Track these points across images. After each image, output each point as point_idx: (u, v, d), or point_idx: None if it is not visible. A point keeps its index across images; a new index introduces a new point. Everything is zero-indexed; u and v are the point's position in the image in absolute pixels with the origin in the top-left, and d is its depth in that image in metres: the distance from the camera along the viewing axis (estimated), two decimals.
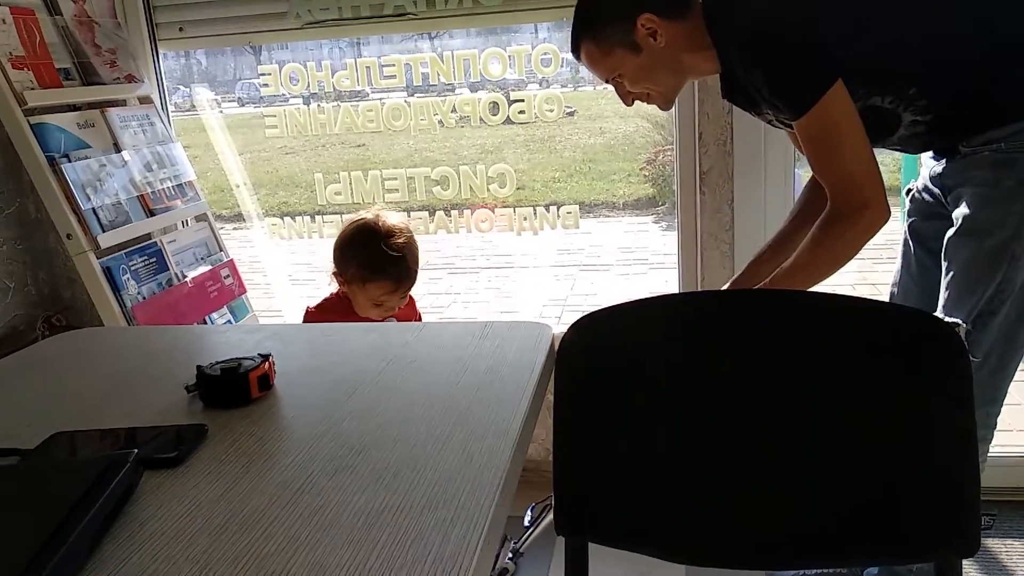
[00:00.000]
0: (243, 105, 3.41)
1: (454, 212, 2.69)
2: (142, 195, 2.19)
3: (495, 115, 2.49)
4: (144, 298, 2.09)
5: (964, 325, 1.29)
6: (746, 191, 2.09)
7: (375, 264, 1.76)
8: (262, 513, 0.61)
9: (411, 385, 0.88)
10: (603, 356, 0.99)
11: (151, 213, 2.20)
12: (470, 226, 2.63)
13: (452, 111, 2.56)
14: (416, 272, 1.83)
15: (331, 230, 2.76)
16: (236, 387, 0.83)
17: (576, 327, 0.98)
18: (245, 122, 3.07)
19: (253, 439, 0.76)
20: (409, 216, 2.75)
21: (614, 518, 1.00)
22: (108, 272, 2.00)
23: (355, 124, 2.67)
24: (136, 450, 0.66)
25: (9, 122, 1.93)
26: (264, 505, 0.63)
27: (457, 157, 2.79)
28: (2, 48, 1.93)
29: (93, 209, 1.99)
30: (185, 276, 2.27)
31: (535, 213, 2.53)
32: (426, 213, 2.72)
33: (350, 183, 2.71)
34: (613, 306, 0.99)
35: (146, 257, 2.16)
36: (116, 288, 2.01)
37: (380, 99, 2.71)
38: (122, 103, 2.36)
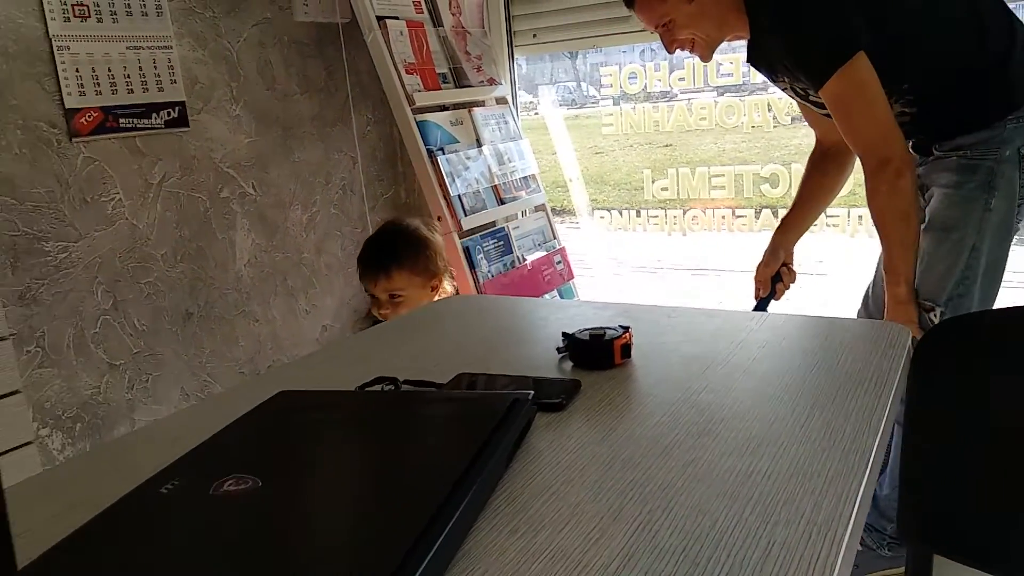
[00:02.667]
0: (558, 107, 3.66)
1: (781, 211, 2.62)
2: (495, 185, 2.46)
3: None
4: (492, 276, 2.36)
5: (940, 308, 1.43)
6: None
7: (360, 252, 1.88)
8: (640, 459, 0.70)
9: (763, 368, 0.92)
10: (964, 362, 0.94)
11: (501, 202, 2.47)
12: None
13: (785, 110, 2.51)
14: (399, 264, 1.84)
15: (655, 224, 2.85)
16: (603, 352, 0.94)
17: (938, 331, 0.94)
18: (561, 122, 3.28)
19: (620, 398, 0.85)
20: (734, 215, 2.75)
21: (963, 532, 0.94)
22: (467, 251, 2.28)
23: (686, 122, 2.72)
24: (532, 392, 0.78)
25: (401, 120, 2.28)
26: (640, 453, 0.71)
27: (767, 157, 2.72)
28: (399, 56, 2.28)
29: (459, 196, 2.28)
30: (525, 259, 2.51)
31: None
32: (751, 211, 2.70)
33: (677, 180, 2.77)
34: (979, 312, 0.94)
35: (496, 240, 2.42)
36: (472, 265, 2.29)
37: (688, 99, 2.74)
38: (482, 103, 2.66)
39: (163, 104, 2.10)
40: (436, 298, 1.85)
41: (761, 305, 1.73)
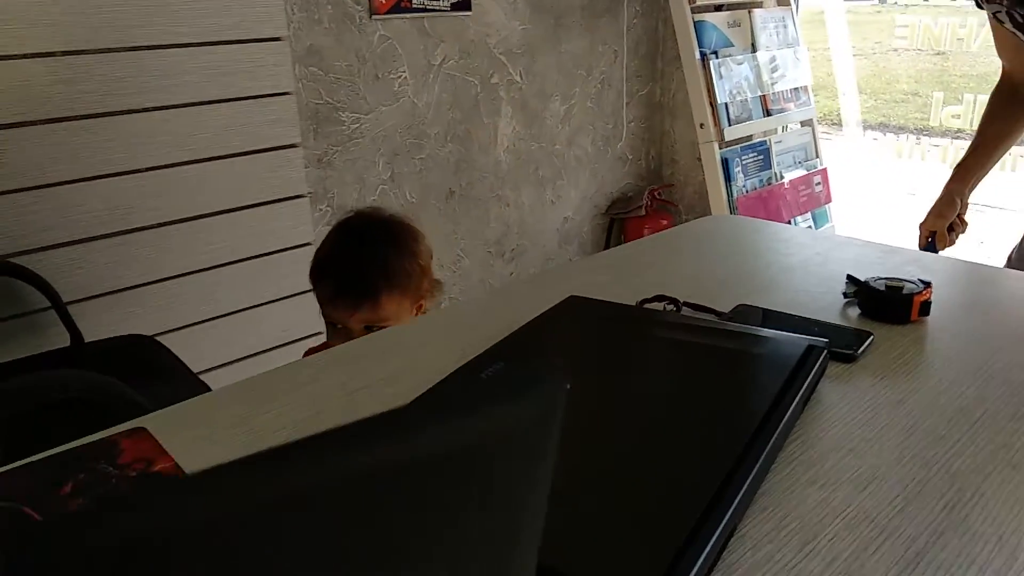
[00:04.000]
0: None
1: None
2: (764, 95, 2.34)
3: None
4: (747, 192, 2.28)
5: None
6: None
7: (317, 263, 1.27)
8: (944, 431, 0.67)
9: None
10: None
11: (768, 113, 2.34)
12: None
13: None
14: (389, 288, 1.23)
15: (937, 154, 2.58)
16: (900, 305, 0.89)
17: None
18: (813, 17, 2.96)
19: (918, 358, 0.82)
20: None
21: None
22: (725, 163, 2.22)
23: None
24: (828, 340, 0.77)
25: (678, 18, 2.21)
26: (943, 425, 0.68)
27: None
28: None
29: (725, 104, 2.20)
30: (783, 177, 2.39)
31: None
32: None
33: (973, 105, 2.48)
34: None
35: (755, 154, 2.32)
36: (728, 178, 2.22)
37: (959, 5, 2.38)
38: (760, 4, 2.49)
39: None
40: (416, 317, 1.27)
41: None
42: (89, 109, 1.59)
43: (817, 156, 2.60)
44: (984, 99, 2.45)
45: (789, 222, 2.44)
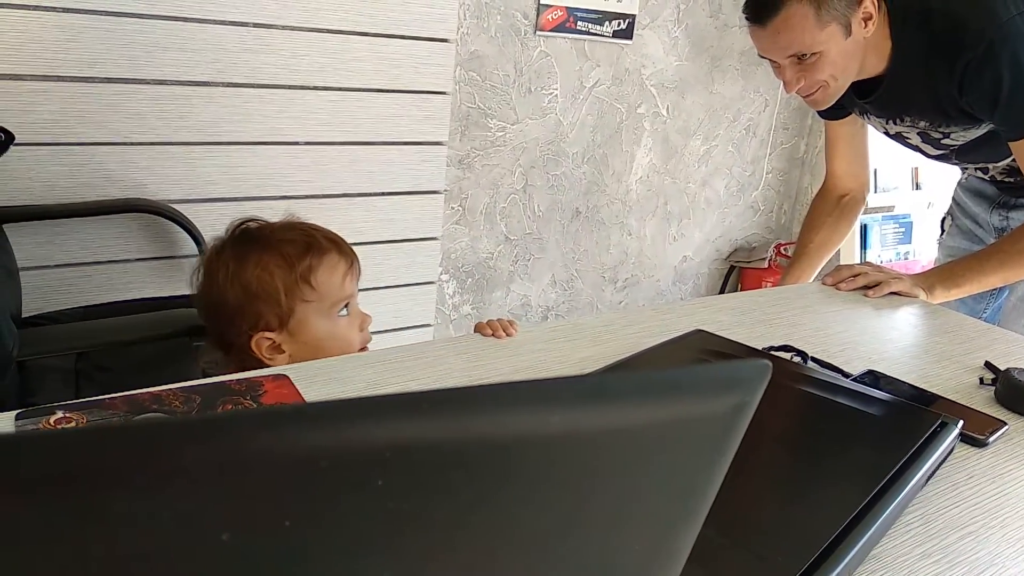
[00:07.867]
0: None
1: None
2: (916, 168, 2.26)
3: None
4: (881, 262, 2.21)
5: None
6: None
7: (305, 239, 1.06)
8: None
9: None
10: None
11: (918, 187, 2.27)
12: None
13: None
14: None
15: None
16: None
17: None
18: None
19: None
20: None
21: None
22: (863, 229, 2.16)
23: None
24: (962, 421, 0.75)
25: None
26: None
27: None
28: None
29: (875, 170, 2.14)
30: (919, 255, 2.30)
31: None
32: None
33: None
34: None
35: (897, 225, 2.25)
36: (864, 245, 2.16)
37: None
38: None
39: (616, 15, 2.22)
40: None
41: None
42: (268, 80, 1.71)
43: None
44: None
45: None
